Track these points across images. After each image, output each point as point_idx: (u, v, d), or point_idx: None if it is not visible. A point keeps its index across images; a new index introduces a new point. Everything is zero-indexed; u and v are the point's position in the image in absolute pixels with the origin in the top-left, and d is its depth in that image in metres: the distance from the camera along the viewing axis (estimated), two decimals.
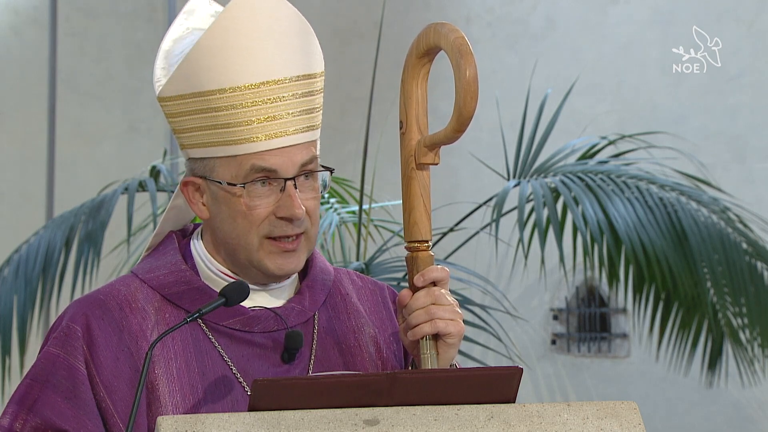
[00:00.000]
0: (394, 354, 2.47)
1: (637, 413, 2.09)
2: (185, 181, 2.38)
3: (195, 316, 2.20)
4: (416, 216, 2.37)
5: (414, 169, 2.37)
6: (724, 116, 6.88)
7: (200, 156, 2.35)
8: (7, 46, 7.27)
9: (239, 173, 2.31)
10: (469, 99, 2.26)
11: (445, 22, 2.33)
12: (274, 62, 2.32)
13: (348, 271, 2.55)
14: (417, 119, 2.37)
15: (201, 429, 1.96)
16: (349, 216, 5.43)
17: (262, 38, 2.32)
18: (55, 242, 5.26)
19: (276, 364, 2.35)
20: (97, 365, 2.29)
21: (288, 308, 2.39)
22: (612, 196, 5.12)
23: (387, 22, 5.78)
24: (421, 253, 2.36)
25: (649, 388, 7.03)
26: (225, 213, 2.34)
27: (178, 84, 2.34)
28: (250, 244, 2.32)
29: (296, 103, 2.33)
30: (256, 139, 2.31)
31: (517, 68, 7.25)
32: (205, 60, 2.31)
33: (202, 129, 2.33)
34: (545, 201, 5.05)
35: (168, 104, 2.37)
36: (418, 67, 2.37)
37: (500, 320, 5.78)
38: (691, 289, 5.19)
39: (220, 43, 2.31)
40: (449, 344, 2.32)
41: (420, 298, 2.33)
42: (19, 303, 5.23)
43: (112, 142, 7.40)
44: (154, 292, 2.36)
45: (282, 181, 2.31)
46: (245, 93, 2.30)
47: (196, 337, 2.33)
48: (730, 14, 6.83)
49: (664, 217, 5.17)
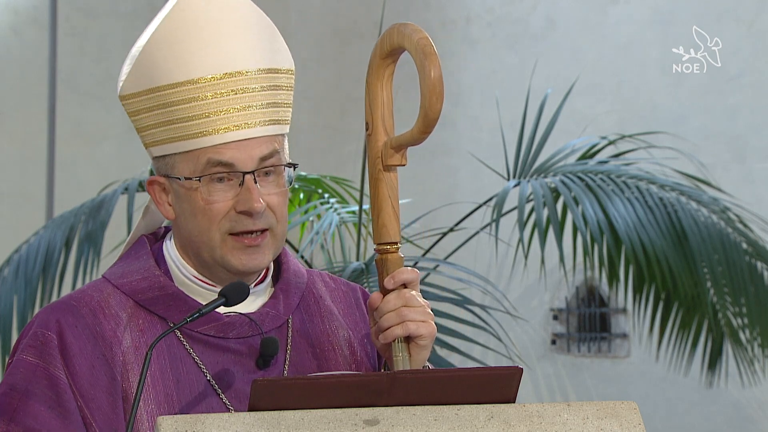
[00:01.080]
0: (368, 356, 2.45)
1: (637, 413, 2.09)
2: (150, 181, 2.35)
3: (195, 316, 2.18)
4: (384, 218, 2.34)
5: (381, 170, 2.34)
6: (724, 116, 6.88)
7: (161, 154, 2.31)
8: (7, 46, 7.27)
9: (196, 168, 2.27)
10: (434, 100, 2.24)
11: (408, 23, 2.31)
12: (233, 54, 2.28)
13: (321, 273, 2.53)
14: (383, 120, 2.34)
15: (201, 429, 1.96)
16: (349, 216, 5.43)
17: (217, 31, 2.28)
18: (55, 242, 5.26)
19: (251, 370, 2.32)
20: (72, 374, 2.25)
21: (263, 313, 2.36)
22: (612, 196, 5.12)
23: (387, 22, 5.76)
24: (391, 255, 2.34)
25: (649, 388, 7.03)
26: (187, 211, 2.30)
27: (135, 80, 2.31)
28: (212, 240, 2.28)
29: (260, 96, 2.30)
30: (212, 132, 2.26)
31: (517, 68, 7.25)
32: (159, 54, 2.28)
33: (160, 125, 2.30)
34: (545, 201, 5.05)
35: (128, 102, 2.33)
36: (383, 68, 2.35)
37: (500, 320, 5.78)
38: (691, 289, 5.19)
39: (173, 37, 2.28)
40: (421, 346, 2.30)
41: (390, 300, 2.30)
42: (19, 303, 5.23)
43: (112, 142, 7.40)
44: (127, 298, 2.32)
45: (240, 175, 2.27)
46: (202, 86, 2.27)
47: (171, 343, 2.30)
48: (730, 14, 6.83)
49: (664, 217, 5.17)
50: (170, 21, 2.29)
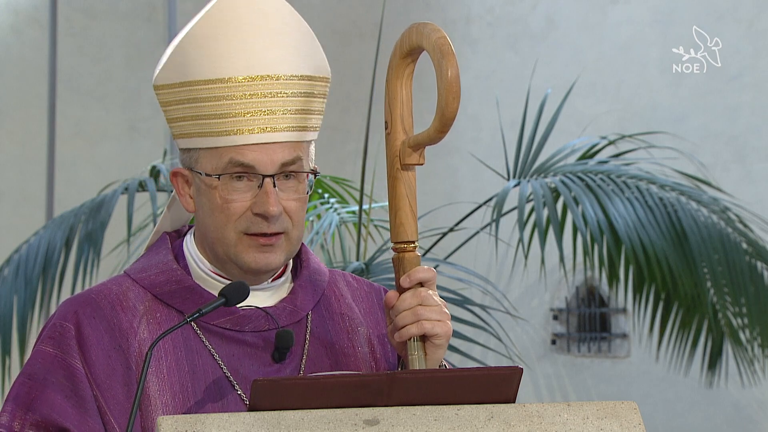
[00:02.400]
0: (389, 355, 2.46)
1: (637, 413, 2.09)
2: (174, 172, 2.38)
3: (195, 316, 2.20)
4: (402, 217, 2.36)
5: (399, 169, 2.36)
6: (724, 116, 6.89)
7: (187, 146, 2.34)
8: (7, 46, 7.28)
9: (218, 166, 2.29)
10: (451, 99, 2.25)
11: (427, 22, 2.32)
12: (267, 58, 2.30)
13: (343, 273, 2.54)
14: (402, 119, 2.35)
15: (201, 429, 1.96)
16: (349, 216, 5.43)
17: (255, 33, 2.30)
18: (55, 242, 5.26)
19: (267, 364, 2.33)
20: (89, 364, 2.28)
21: (279, 308, 2.38)
22: (612, 196, 5.12)
23: (387, 22, 5.77)
24: (408, 253, 2.35)
25: (649, 388, 7.03)
26: (205, 206, 2.32)
27: (169, 72, 2.33)
28: (227, 238, 2.31)
29: (290, 101, 2.32)
30: (237, 132, 2.29)
31: (517, 68, 7.25)
32: (195, 49, 2.30)
33: (189, 119, 2.32)
34: (545, 201, 5.05)
35: (161, 92, 2.36)
36: (402, 67, 2.36)
37: (500, 320, 5.78)
38: (691, 289, 5.19)
39: (210, 34, 2.30)
40: (437, 345, 2.30)
41: (406, 299, 2.31)
42: (19, 303, 5.23)
43: (112, 142, 7.40)
44: (145, 292, 2.35)
45: (260, 177, 2.29)
46: (233, 86, 2.29)
47: (187, 336, 2.32)
48: (730, 14, 6.83)
49: (664, 217, 5.17)
50: (210, 18, 2.31)
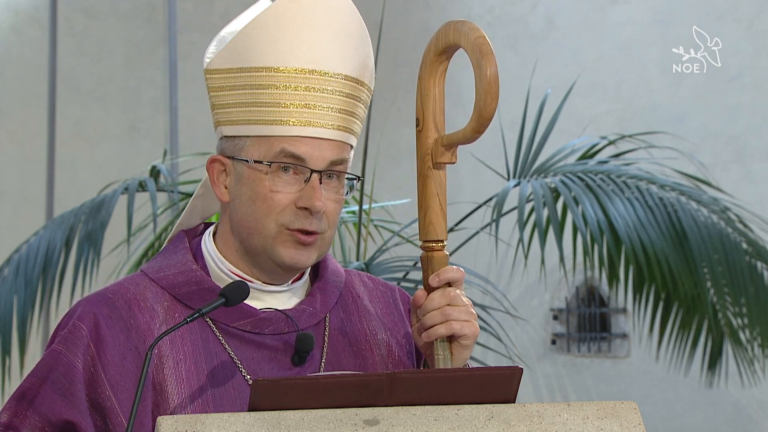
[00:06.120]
0: (407, 355, 2.46)
1: (637, 413, 2.09)
2: (212, 159, 2.37)
3: (195, 316, 2.19)
4: (432, 215, 2.34)
5: (430, 168, 2.34)
6: (724, 116, 6.89)
7: (233, 134, 2.33)
8: (7, 46, 7.28)
9: (268, 154, 2.29)
10: (490, 100, 2.24)
11: (465, 21, 2.31)
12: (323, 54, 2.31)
13: (359, 273, 2.53)
14: (434, 117, 2.35)
15: (201, 429, 1.96)
16: (349, 216, 5.43)
17: (320, 28, 2.32)
18: (55, 242, 5.26)
19: (287, 367, 2.33)
20: (103, 363, 2.27)
21: (299, 310, 2.37)
22: (612, 196, 5.12)
23: (387, 22, 5.78)
24: (437, 252, 2.33)
25: (649, 388, 7.03)
26: (246, 195, 2.31)
27: (227, 57, 2.33)
28: (267, 229, 2.30)
29: (339, 100, 2.33)
30: (291, 123, 2.29)
31: (517, 68, 7.25)
32: (257, 37, 2.31)
33: (240, 105, 2.32)
34: (545, 201, 5.05)
35: (213, 77, 2.35)
36: (436, 64, 2.35)
37: (500, 320, 5.78)
38: (691, 289, 5.19)
39: (278, 23, 2.31)
40: (464, 346, 2.31)
41: (435, 298, 2.30)
42: (19, 303, 5.23)
43: (112, 142, 7.40)
44: (163, 292, 2.34)
45: (308, 171, 2.29)
46: (291, 76, 2.30)
47: (206, 338, 2.32)
48: (730, 14, 6.83)
49: (664, 217, 5.17)
50: (276, 8, 2.32)
